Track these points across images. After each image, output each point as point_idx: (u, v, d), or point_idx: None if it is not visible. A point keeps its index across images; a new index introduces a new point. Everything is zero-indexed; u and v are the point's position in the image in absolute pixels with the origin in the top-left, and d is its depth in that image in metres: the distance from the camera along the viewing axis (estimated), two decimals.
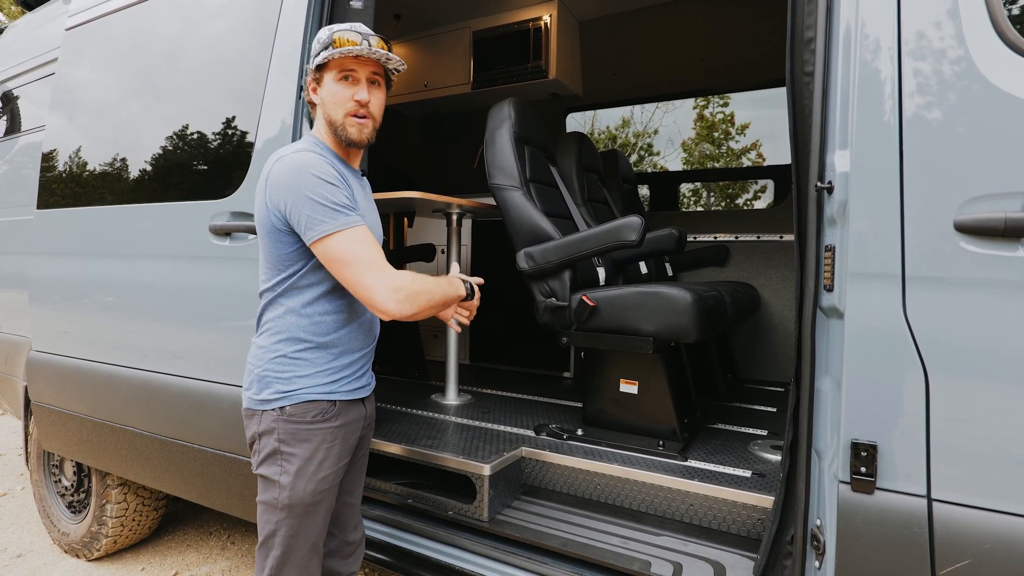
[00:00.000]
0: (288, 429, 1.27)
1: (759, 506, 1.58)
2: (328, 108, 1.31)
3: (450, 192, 2.48)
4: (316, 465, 1.28)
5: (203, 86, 2.04)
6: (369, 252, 1.21)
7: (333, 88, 1.30)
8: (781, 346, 3.25)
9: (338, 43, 1.27)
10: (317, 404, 1.29)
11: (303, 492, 1.27)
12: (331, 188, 1.22)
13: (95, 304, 2.27)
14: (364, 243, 1.22)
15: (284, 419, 1.28)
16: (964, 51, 1.00)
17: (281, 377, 1.29)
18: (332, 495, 1.34)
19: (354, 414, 1.37)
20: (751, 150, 7.27)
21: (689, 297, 1.77)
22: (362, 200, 1.36)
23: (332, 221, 1.20)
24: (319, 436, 1.29)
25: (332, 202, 1.21)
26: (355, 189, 1.34)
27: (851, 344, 1.07)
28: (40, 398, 2.48)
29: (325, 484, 1.30)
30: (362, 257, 1.21)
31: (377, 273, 1.20)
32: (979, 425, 0.98)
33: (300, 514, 1.28)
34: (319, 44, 1.30)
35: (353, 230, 1.21)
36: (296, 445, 1.27)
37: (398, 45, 4.27)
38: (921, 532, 1.01)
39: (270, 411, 1.28)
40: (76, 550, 2.58)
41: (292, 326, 1.30)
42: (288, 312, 1.30)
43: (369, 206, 1.43)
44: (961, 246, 0.98)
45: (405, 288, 1.21)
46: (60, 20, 2.68)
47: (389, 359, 3.23)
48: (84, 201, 2.32)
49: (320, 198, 1.20)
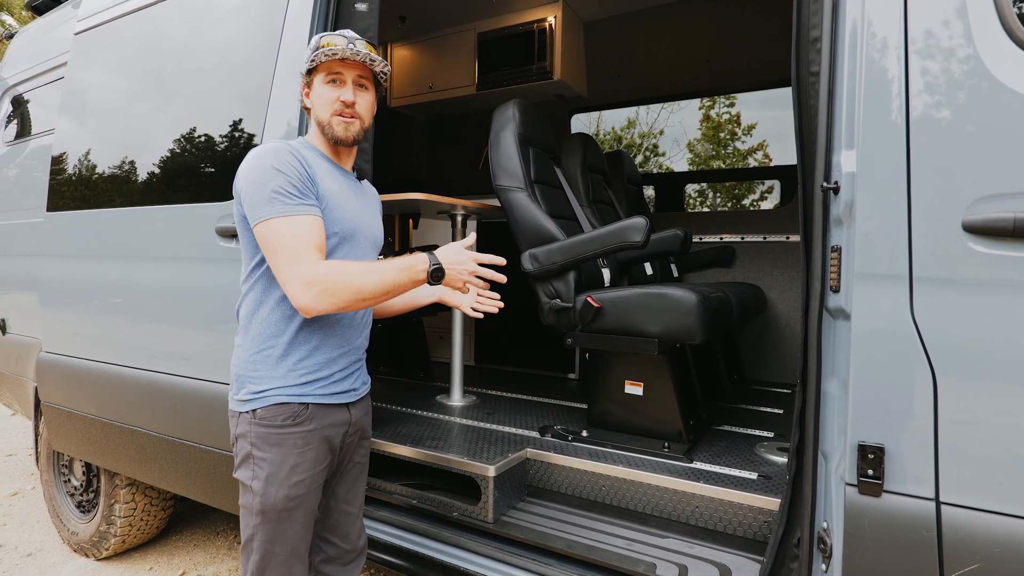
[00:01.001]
0: (259, 433, 1.25)
1: (765, 508, 1.57)
2: (316, 109, 1.34)
3: (455, 194, 2.48)
4: (288, 470, 1.25)
5: (210, 89, 2.05)
6: (295, 240, 1.16)
7: (321, 90, 1.33)
8: (787, 347, 3.23)
9: (324, 47, 1.29)
10: (287, 407, 1.26)
11: (275, 498, 1.24)
12: (280, 176, 1.19)
13: (104, 305, 2.29)
14: (293, 231, 1.17)
15: (256, 422, 1.26)
16: (973, 50, 0.99)
17: (253, 377, 1.27)
18: (310, 500, 1.30)
19: (332, 419, 1.32)
20: (757, 150, 7.24)
21: (694, 298, 1.77)
22: (341, 196, 1.33)
23: (269, 207, 1.18)
24: (290, 440, 1.25)
25: (275, 189, 1.18)
26: (330, 183, 1.31)
27: (858, 345, 1.07)
28: (50, 399, 2.51)
29: (299, 490, 1.26)
30: (285, 245, 1.16)
31: (293, 264, 1.15)
32: (989, 427, 0.97)
33: (275, 519, 1.25)
34: (309, 50, 1.33)
35: (289, 219, 1.17)
36: (267, 450, 1.25)
37: (403, 47, 4.28)
38: (929, 535, 1.00)
39: (245, 413, 1.27)
40: (85, 549, 2.60)
41: (263, 322, 1.28)
42: (259, 307, 1.29)
43: (359, 206, 1.39)
44: (970, 247, 0.97)
45: (319, 283, 1.14)
46: (69, 25, 2.71)
47: (395, 360, 3.23)
48: (93, 203, 2.34)
49: (264, 184, 1.19)
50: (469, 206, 2.40)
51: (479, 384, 3.02)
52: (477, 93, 3.93)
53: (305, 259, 1.16)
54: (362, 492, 1.52)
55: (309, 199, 1.23)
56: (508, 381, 3.13)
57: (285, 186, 1.19)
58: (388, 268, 1.21)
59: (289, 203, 1.19)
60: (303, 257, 1.16)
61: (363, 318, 1.42)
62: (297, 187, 1.21)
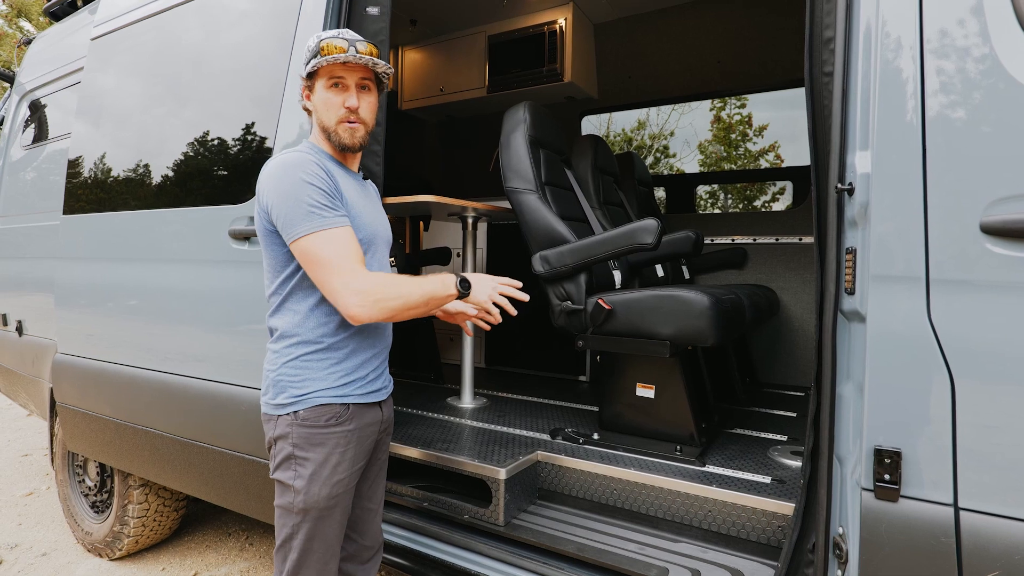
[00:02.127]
0: (302, 433, 1.28)
1: (779, 513, 1.55)
2: (320, 114, 1.33)
3: (466, 195, 2.49)
4: (330, 469, 1.28)
5: (224, 93, 2.07)
6: (339, 253, 1.20)
7: (324, 95, 1.32)
8: (801, 350, 3.20)
9: (325, 50, 1.27)
10: (330, 408, 1.30)
11: (317, 496, 1.27)
12: (312, 189, 1.21)
13: (118, 307, 2.31)
14: (336, 244, 1.20)
15: (298, 424, 1.28)
16: (989, 49, 0.98)
17: (294, 382, 1.30)
18: (347, 498, 1.34)
19: (369, 418, 1.37)
20: (769, 151, 7.19)
21: (706, 300, 1.75)
22: (359, 201, 1.36)
23: (307, 223, 1.20)
24: (333, 440, 1.29)
25: (310, 203, 1.20)
26: (350, 190, 1.33)
27: (873, 348, 1.05)
28: (65, 399, 2.54)
29: (340, 488, 1.30)
30: (331, 258, 1.19)
31: (344, 275, 1.19)
32: (1009, 432, 0.95)
33: (315, 518, 1.29)
34: (308, 52, 1.30)
35: (328, 232, 1.20)
36: (310, 449, 1.28)
37: (414, 50, 4.30)
38: (948, 542, 0.98)
39: (285, 416, 1.30)
40: (99, 549, 2.63)
41: (300, 329, 1.31)
42: (295, 315, 1.31)
43: (371, 208, 1.42)
44: (988, 248, 0.96)
45: (372, 292, 1.19)
46: (86, 30, 2.74)
47: (406, 362, 3.24)
48: (108, 206, 2.37)
49: (298, 199, 1.20)
50: (480, 208, 2.40)
51: (490, 386, 3.02)
52: (488, 95, 3.94)
53: (354, 269, 1.20)
54: (382, 489, 1.54)
55: (340, 210, 1.25)
56: (519, 383, 3.12)
57: (319, 198, 1.21)
58: (426, 281, 1.27)
59: (327, 216, 1.21)
60: (350, 268, 1.20)
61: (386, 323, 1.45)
62: (330, 198, 1.23)
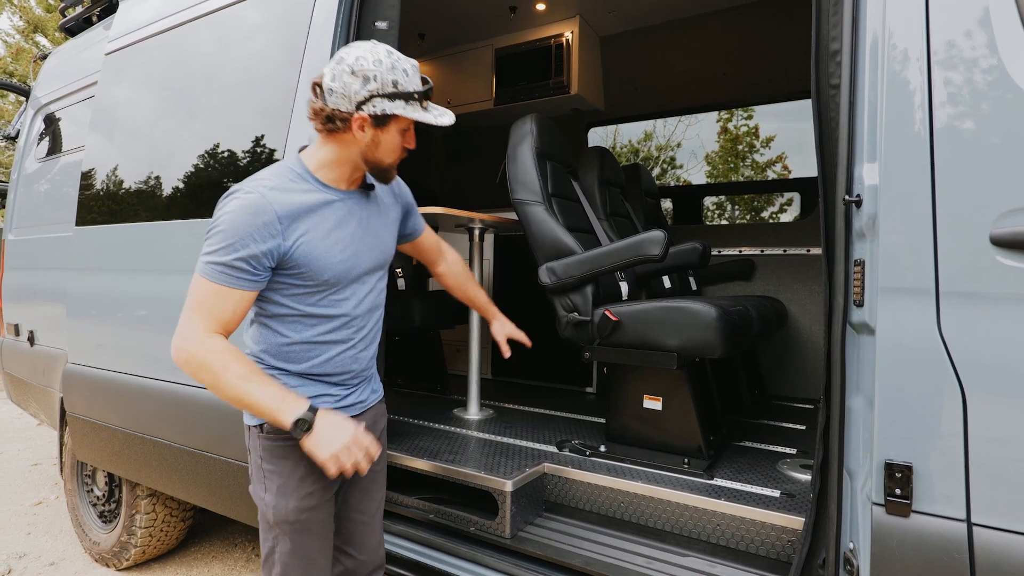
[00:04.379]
0: (266, 446, 1.26)
1: (789, 527, 1.53)
2: (379, 153, 1.24)
3: (473, 207, 2.50)
4: (296, 482, 1.26)
5: (234, 105, 2.10)
6: (207, 304, 1.14)
7: (395, 138, 1.24)
8: (810, 362, 3.18)
9: (425, 105, 1.21)
10: None
11: (286, 510, 1.25)
12: (246, 251, 1.13)
13: (129, 318, 2.33)
14: (213, 298, 1.14)
15: (263, 437, 1.27)
16: (997, 60, 0.98)
17: None
18: (323, 512, 1.31)
19: None
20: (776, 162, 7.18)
21: (714, 312, 1.75)
22: (336, 239, 1.25)
23: (209, 268, 1.14)
24: (296, 452, 1.24)
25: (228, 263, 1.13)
26: (327, 225, 1.24)
27: (883, 361, 1.04)
28: (74, 409, 2.55)
29: (311, 501, 1.27)
30: (195, 303, 1.15)
31: (190, 323, 1.14)
32: (1022, 446, 0.94)
33: (291, 532, 1.26)
34: (394, 87, 1.17)
35: (217, 286, 1.13)
36: (275, 462, 1.26)
37: (422, 63, 4.34)
38: (961, 558, 0.97)
39: (254, 428, 1.29)
40: (106, 559, 2.63)
41: (267, 350, 1.28)
42: (261, 336, 1.28)
43: (363, 231, 1.32)
44: (998, 260, 0.95)
45: (191, 356, 1.13)
46: (100, 45, 2.80)
47: (412, 373, 3.24)
48: (120, 218, 2.40)
49: (227, 249, 1.13)
50: (487, 220, 2.41)
51: (496, 397, 3.01)
52: (495, 108, 3.97)
53: (199, 327, 1.14)
54: (377, 501, 1.50)
55: (257, 276, 1.17)
56: (525, 395, 3.11)
57: (240, 261, 1.13)
58: (259, 391, 1.13)
59: (231, 275, 1.14)
60: (199, 324, 1.14)
61: (368, 343, 1.39)
62: (252, 264, 1.14)
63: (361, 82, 1.16)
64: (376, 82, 1.16)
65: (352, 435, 1.15)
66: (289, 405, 1.13)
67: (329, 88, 1.18)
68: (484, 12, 3.71)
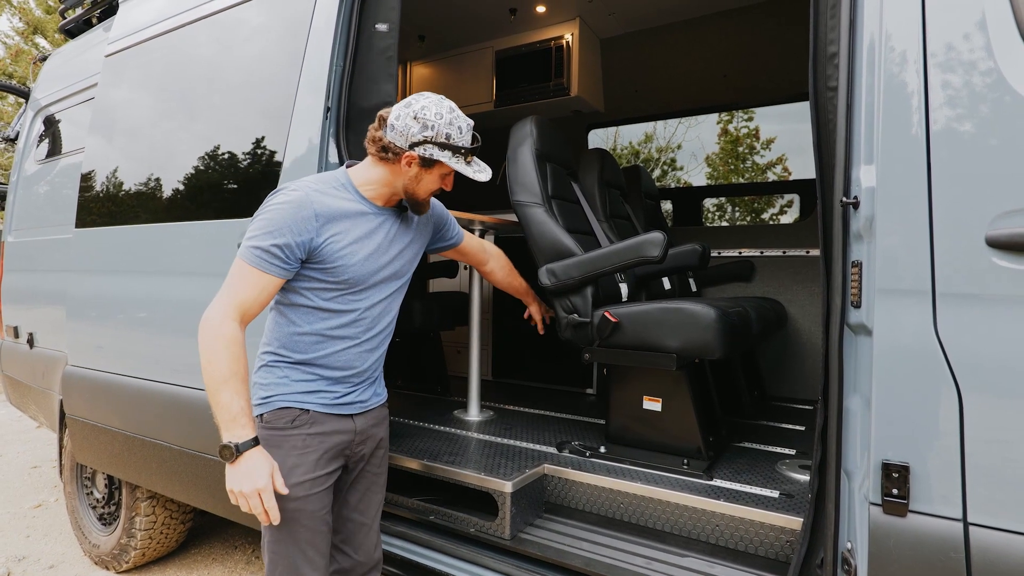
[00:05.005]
0: (263, 435, 1.31)
1: (787, 528, 1.53)
2: (417, 187, 1.39)
3: (473, 209, 2.50)
4: (287, 471, 1.30)
5: (234, 107, 2.10)
6: (237, 288, 1.25)
7: (433, 179, 1.40)
8: (809, 363, 3.18)
9: (469, 160, 1.40)
10: (289, 411, 1.34)
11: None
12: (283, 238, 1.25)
13: (129, 320, 2.34)
14: (245, 281, 1.26)
15: (262, 426, 1.35)
16: (993, 63, 0.98)
17: (262, 384, 1.37)
18: (313, 504, 1.33)
19: (335, 426, 1.38)
20: (776, 164, 7.19)
21: (713, 313, 1.75)
22: (363, 246, 1.37)
23: (249, 253, 1.26)
24: (290, 442, 1.33)
25: (267, 247, 1.25)
26: (358, 233, 1.36)
27: (880, 362, 1.05)
28: (74, 411, 2.56)
29: (300, 491, 1.30)
30: (228, 285, 1.26)
31: (219, 302, 1.25)
32: (1018, 446, 0.94)
33: (280, 521, 1.29)
34: (447, 139, 1.34)
35: (251, 269, 1.25)
36: (269, 451, 1.30)
37: (422, 65, 4.35)
38: (957, 557, 0.97)
39: (256, 418, 1.35)
40: (106, 562, 2.63)
41: (276, 338, 1.38)
42: (275, 327, 1.39)
43: (387, 245, 1.43)
44: (994, 262, 0.96)
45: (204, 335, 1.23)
46: (100, 47, 2.80)
47: (412, 374, 3.24)
48: (120, 220, 2.40)
49: (267, 234, 1.26)
50: (487, 221, 2.42)
51: (496, 399, 3.02)
52: (495, 109, 3.98)
53: (227, 306, 1.24)
54: (376, 503, 1.53)
55: (287, 264, 1.28)
56: (525, 396, 3.12)
57: (275, 248, 1.26)
58: (226, 397, 1.20)
59: (265, 260, 1.26)
60: (227, 304, 1.25)
61: (375, 345, 1.45)
62: (285, 253, 1.27)
63: (420, 127, 1.32)
64: (432, 131, 1.33)
65: (256, 489, 1.19)
66: (236, 427, 1.20)
67: (392, 124, 1.34)
68: (484, 14, 3.72)
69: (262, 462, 1.21)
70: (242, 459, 1.20)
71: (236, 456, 1.19)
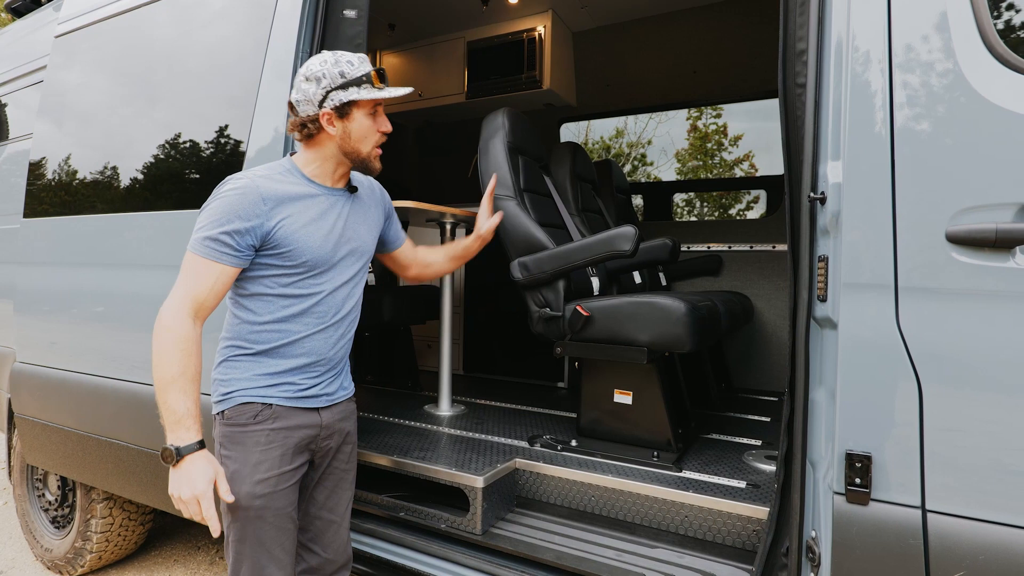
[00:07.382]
0: (225, 432, 1.29)
1: (754, 517, 1.57)
2: (353, 142, 1.34)
3: (444, 202, 2.48)
4: (251, 468, 1.27)
5: (195, 94, 2.03)
6: (191, 283, 1.22)
7: (365, 123, 1.34)
8: (775, 356, 3.26)
9: (376, 82, 1.31)
10: (251, 406, 1.30)
11: (239, 495, 1.26)
12: (232, 225, 1.22)
13: (83, 314, 2.24)
14: (199, 275, 1.23)
15: (223, 423, 1.31)
16: (953, 64, 1.01)
17: (222, 380, 1.33)
18: (279, 501, 1.30)
19: (300, 420, 1.34)
20: (743, 161, 7.32)
21: (683, 307, 1.77)
22: (317, 227, 1.33)
23: (201, 246, 1.23)
24: (252, 438, 1.29)
25: (216, 237, 1.22)
26: (309, 216, 1.32)
27: (845, 354, 1.07)
28: (24, 410, 2.44)
29: (264, 488, 1.27)
30: (185, 282, 1.23)
31: (175, 301, 1.22)
32: (973, 435, 0.98)
33: (244, 519, 1.27)
34: (342, 77, 1.29)
35: (204, 261, 1.22)
36: (231, 448, 1.28)
37: (392, 55, 4.28)
38: (916, 544, 1.01)
39: (217, 415, 1.32)
40: (59, 566, 2.53)
41: (237, 331, 1.34)
42: (235, 317, 1.35)
43: (343, 224, 1.39)
44: (953, 257, 0.99)
45: (158, 333, 1.20)
46: (50, 27, 2.67)
47: (383, 369, 3.20)
48: (73, 209, 2.30)
49: (216, 224, 1.22)
50: (458, 214, 2.39)
51: (468, 393, 3.01)
52: (466, 101, 3.94)
53: (177, 304, 1.21)
54: (346, 500, 1.50)
55: (238, 252, 1.25)
56: (497, 390, 3.11)
57: (225, 235, 1.22)
58: (173, 398, 1.18)
59: (216, 249, 1.22)
60: (178, 298, 1.22)
61: (341, 331, 1.42)
62: (236, 240, 1.23)
63: (315, 84, 1.29)
64: (327, 79, 1.29)
65: (195, 495, 1.17)
66: (180, 429, 1.17)
67: (296, 101, 1.32)
68: (456, 3, 3.67)
69: (203, 467, 1.18)
70: (183, 463, 1.17)
71: (178, 460, 1.17)
